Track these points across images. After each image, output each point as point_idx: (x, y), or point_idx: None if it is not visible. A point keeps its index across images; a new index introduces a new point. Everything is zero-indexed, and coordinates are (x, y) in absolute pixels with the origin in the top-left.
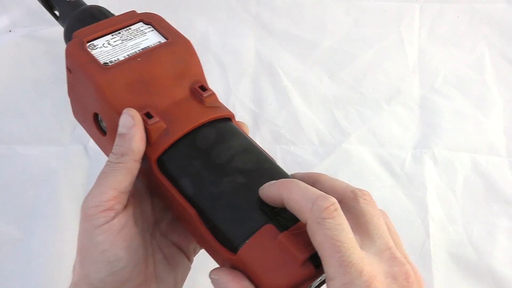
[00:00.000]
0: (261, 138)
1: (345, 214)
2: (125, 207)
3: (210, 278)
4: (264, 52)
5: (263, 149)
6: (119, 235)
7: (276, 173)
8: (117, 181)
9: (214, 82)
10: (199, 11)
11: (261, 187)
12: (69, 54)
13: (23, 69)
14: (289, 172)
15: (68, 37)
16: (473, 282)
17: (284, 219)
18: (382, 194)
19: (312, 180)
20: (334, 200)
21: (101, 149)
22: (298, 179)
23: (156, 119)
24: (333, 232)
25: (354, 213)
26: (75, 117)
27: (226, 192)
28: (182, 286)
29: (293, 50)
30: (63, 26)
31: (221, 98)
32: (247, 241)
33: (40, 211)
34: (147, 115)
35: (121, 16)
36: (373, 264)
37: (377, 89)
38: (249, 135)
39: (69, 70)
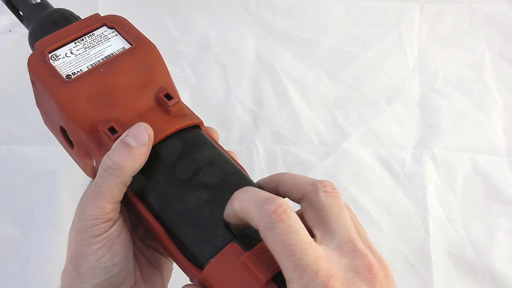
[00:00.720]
0: (261, 138)
1: (307, 209)
2: (119, 214)
3: None
4: (264, 52)
5: (234, 156)
6: (117, 241)
7: (242, 185)
8: (113, 196)
9: (214, 82)
10: (199, 11)
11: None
12: (30, 67)
13: (23, 69)
14: (289, 171)
15: (31, 44)
16: (473, 282)
17: (250, 235)
18: (382, 194)
19: (275, 183)
20: (282, 201)
21: (74, 160)
22: (261, 185)
23: (120, 133)
24: (284, 236)
25: (315, 207)
26: (46, 125)
27: (191, 209)
28: (167, 284)
29: (293, 50)
30: (28, 29)
31: (221, 98)
32: (211, 260)
33: (40, 211)
34: (111, 130)
35: (84, 21)
36: (332, 261)
37: (377, 89)
38: (218, 142)
39: (32, 83)
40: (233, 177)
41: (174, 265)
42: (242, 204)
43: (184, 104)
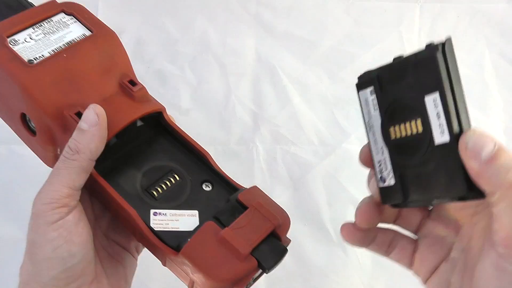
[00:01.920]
0: (261, 138)
1: None
2: (78, 203)
3: None
4: (264, 52)
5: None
6: (74, 231)
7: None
8: (71, 179)
9: (214, 82)
10: (199, 11)
11: None
12: None
13: None
14: (289, 171)
15: None
16: None
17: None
18: None
19: None
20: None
21: (31, 149)
22: None
23: None
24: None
25: None
26: None
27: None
28: (132, 279)
29: (293, 50)
30: None
31: (221, 98)
32: (189, 239)
33: None
34: (78, 115)
35: (41, 7)
36: None
37: None
38: (179, 128)
39: None
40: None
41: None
42: None
43: (147, 91)
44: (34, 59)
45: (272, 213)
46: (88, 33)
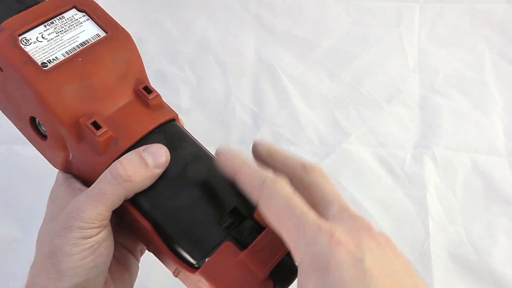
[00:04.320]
0: (261, 138)
1: (297, 189)
2: None
3: None
4: (264, 52)
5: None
6: (103, 244)
7: (226, 181)
8: (114, 204)
9: (214, 82)
10: (199, 11)
11: (218, 154)
12: (0, 52)
13: None
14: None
15: None
16: (473, 282)
17: (241, 232)
18: (382, 194)
19: (266, 152)
20: (283, 176)
21: (39, 150)
22: (256, 148)
23: (104, 128)
24: (285, 200)
25: (306, 185)
26: (3, 112)
27: (183, 207)
28: (134, 283)
29: (293, 50)
30: None
31: (221, 98)
32: (207, 259)
33: (40, 211)
34: (95, 125)
35: (52, 2)
36: (332, 224)
37: (377, 89)
38: (192, 136)
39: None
40: (217, 173)
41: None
42: (242, 177)
43: (161, 98)
44: (48, 62)
45: None
46: (102, 33)
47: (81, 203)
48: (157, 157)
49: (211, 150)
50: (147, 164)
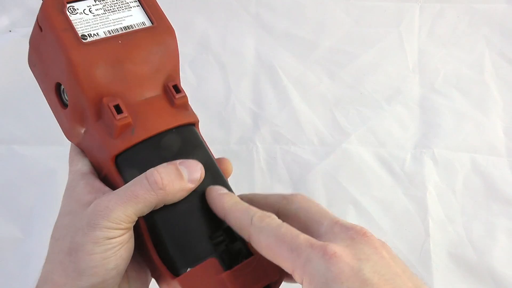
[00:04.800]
0: (261, 138)
1: (285, 220)
2: None
3: None
4: (264, 52)
5: (227, 163)
6: (125, 246)
7: None
8: (142, 210)
9: (214, 82)
10: (199, 11)
11: (208, 195)
12: (45, 12)
13: (23, 69)
14: (289, 171)
15: None
16: (473, 282)
17: (229, 253)
18: (382, 194)
19: (248, 201)
20: (271, 213)
21: (56, 118)
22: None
23: (125, 114)
24: (275, 230)
25: (293, 213)
26: (31, 67)
27: (180, 213)
28: (149, 283)
29: (293, 50)
30: None
31: (221, 98)
32: (188, 270)
33: (40, 211)
34: (117, 108)
35: None
36: (325, 239)
37: (377, 89)
38: (206, 144)
39: (39, 27)
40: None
41: None
42: (232, 213)
43: (188, 100)
44: (88, 35)
45: (273, 267)
46: (148, 23)
47: (111, 202)
48: (192, 171)
49: (212, 149)
50: (182, 176)
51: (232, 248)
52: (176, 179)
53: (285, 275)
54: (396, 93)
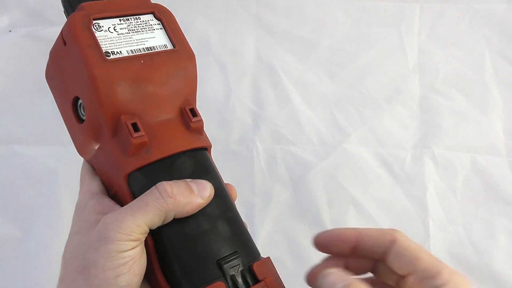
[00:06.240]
0: (261, 138)
1: None
2: None
3: None
4: (264, 52)
5: (233, 189)
6: (138, 261)
7: (236, 224)
8: (152, 220)
9: (214, 82)
10: (199, 11)
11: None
12: (71, 27)
13: (23, 69)
14: (289, 171)
15: (71, 3)
16: (473, 282)
17: (236, 278)
18: (382, 194)
19: (388, 238)
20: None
21: (70, 133)
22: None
23: (141, 133)
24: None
25: None
26: (47, 80)
27: (189, 235)
28: None
29: (293, 50)
30: None
31: (221, 98)
32: None
33: (40, 211)
34: (134, 127)
35: (134, 1)
36: None
37: (377, 89)
38: (217, 170)
39: (63, 41)
40: (230, 214)
41: None
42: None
43: (203, 125)
44: (112, 53)
45: None
46: (170, 46)
47: (120, 214)
48: (201, 188)
49: (212, 149)
50: (192, 190)
51: (240, 273)
52: (186, 190)
53: None
54: (396, 93)
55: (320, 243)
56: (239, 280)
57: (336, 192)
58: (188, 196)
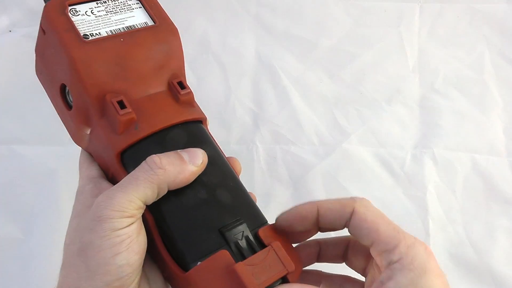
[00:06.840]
0: (261, 138)
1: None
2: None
3: None
4: (264, 52)
5: (236, 161)
6: (135, 240)
7: (238, 193)
8: (145, 194)
9: (214, 82)
10: (199, 11)
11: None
12: (47, 15)
13: (23, 69)
14: (289, 171)
15: None
16: (473, 282)
17: (241, 245)
18: (382, 194)
19: (347, 210)
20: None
21: (63, 122)
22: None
23: (128, 110)
24: (381, 212)
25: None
26: (38, 76)
27: (187, 206)
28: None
29: (293, 50)
30: None
31: (221, 98)
32: (199, 262)
33: (40, 211)
34: (120, 104)
35: None
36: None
37: (377, 89)
38: (216, 142)
39: (43, 30)
40: (231, 182)
41: None
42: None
43: (193, 97)
44: (90, 35)
45: (288, 258)
46: (150, 22)
47: (111, 191)
48: (193, 155)
49: None
50: (182, 158)
51: (245, 240)
52: (176, 160)
53: (301, 268)
54: (396, 93)
55: (282, 224)
56: (244, 246)
57: (336, 192)
58: (179, 165)
